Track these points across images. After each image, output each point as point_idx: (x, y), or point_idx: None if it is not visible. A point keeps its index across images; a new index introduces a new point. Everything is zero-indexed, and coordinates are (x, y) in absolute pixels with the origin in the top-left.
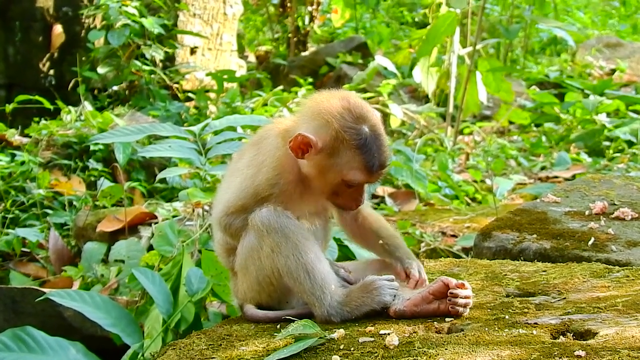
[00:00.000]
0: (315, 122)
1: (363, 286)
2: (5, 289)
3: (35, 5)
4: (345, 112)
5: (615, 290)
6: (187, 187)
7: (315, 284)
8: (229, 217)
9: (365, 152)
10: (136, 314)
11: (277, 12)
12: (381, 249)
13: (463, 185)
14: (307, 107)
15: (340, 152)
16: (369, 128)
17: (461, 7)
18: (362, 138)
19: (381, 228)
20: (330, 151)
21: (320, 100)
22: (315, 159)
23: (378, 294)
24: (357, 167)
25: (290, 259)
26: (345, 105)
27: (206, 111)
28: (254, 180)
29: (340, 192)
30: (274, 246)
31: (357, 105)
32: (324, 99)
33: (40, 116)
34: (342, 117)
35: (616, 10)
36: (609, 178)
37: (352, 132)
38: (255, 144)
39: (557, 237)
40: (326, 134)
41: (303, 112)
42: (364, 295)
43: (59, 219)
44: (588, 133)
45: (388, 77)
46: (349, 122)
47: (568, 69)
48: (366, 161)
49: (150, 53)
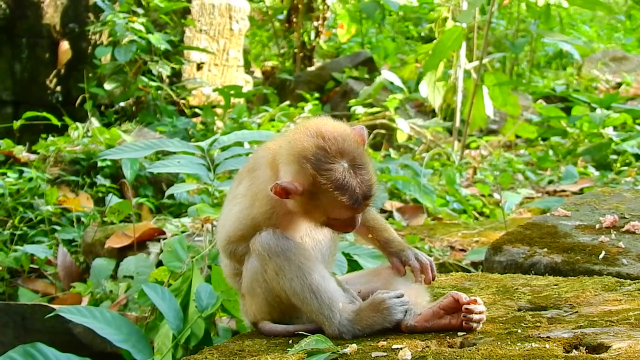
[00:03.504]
0: (292, 167)
1: (373, 305)
2: (14, 305)
3: (42, 22)
4: (320, 152)
5: (627, 304)
6: (194, 202)
7: (323, 304)
8: (231, 245)
9: (345, 191)
10: (146, 329)
11: (283, 27)
12: (377, 245)
13: (471, 200)
14: (286, 144)
15: (320, 195)
16: (348, 162)
17: (467, 21)
18: (339, 178)
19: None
20: (310, 195)
21: (295, 140)
22: (298, 200)
23: (389, 313)
24: (340, 207)
25: (294, 281)
26: (319, 143)
27: (213, 127)
28: (250, 211)
29: (331, 224)
30: (277, 269)
31: (332, 140)
32: (299, 139)
33: (48, 132)
34: (317, 159)
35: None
36: (619, 191)
37: (328, 174)
38: (250, 172)
39: (568, 250)
40: (304, 179)
41: (282, 152)
42: (374, 315)
43: (67, 235)
44: (595, 147)
45: (394, 91)
46: (324, 163)
47: (574, 83)
48: (348, 199)
49: (157, 69)
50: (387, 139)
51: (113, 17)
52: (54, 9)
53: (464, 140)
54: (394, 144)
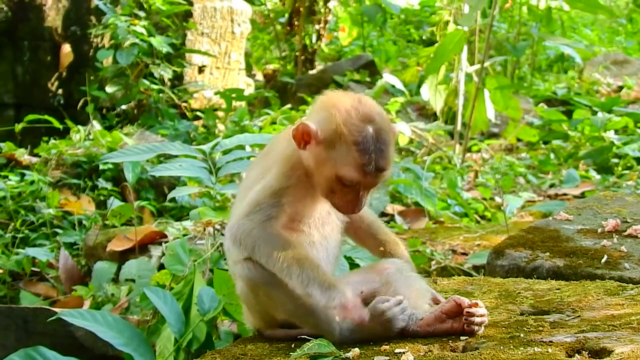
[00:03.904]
0: (321, 114)
1: (373, 316)
2: (16, 308)
3: (44, 25)
4: (352, 109)
5: (630, 308)
6: (196, 206)
7: (320, 321)
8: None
9: (362, 150)
10: (148, 333)
11: (284, 30)
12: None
13: (472, 203)
14: (319, 101)
15: (337, 145)
16: (373, 129)
17: (469, 24)
18: (361, 135)
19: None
20: (328, 144)
21: (332, 95)
22: (314, 151)
23: (391, 325)
24: (352, 164)
25: (287, 304)
26: (354, 103)
27: (215, 130)
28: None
29: (337, 190)
30: (268, 295)
31: (368, 107)
32: (337, 95)
33: (49, 135)
34: (348, 112)
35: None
36: (621, 195)
37: (352, 127)
38: (264, 155)
39: (570, 254)
40: (327, 126)
41: (314, 107)
42: (376, 327)
43: (68, 238)
44: (596, 150)
45: (396, 95)
46: (353, 118)
47: (575, 86)
48: (361, 159)
49: (159, 72)
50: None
51: (115, 20)
52: (55, 12)
53: (465, 143)
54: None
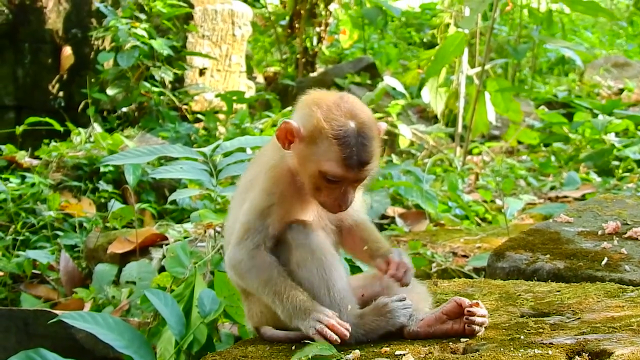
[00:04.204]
0: (303, 111)
1: (376, 309)
2: (17, 311)
3: (45, 27)
4: (333, 105)
5: (630, 310)
6: (197, 208)
7: (334, 302)
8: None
9: (343, 144)
10: (148, 335)
11: (285, 33)
12: (366, 256)
13: (473, 206)
14: (301, 100)
15: (319, 141)
16: (356, 125)
17: (469, 27)
18: (342, 130)
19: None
20: (310, 140)
21: (314, 93)
22: (297, 148)
23: (392, 316)
24: (334, 159)
25: (313, 272)
26: (336, 100)
27: (215, 132)
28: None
29: (322, 187)
30: (300, 260)
31: (351, 103)
32: (319, 93)
33: (50, 138)
34: (329, 108)
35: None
36: (621, 198)
37: (333, 122)
38: (253, 163)
39: (571, 257)
40: (309, 123)
41: (297, 106)
42: (377, 319)
43: (69, 240)
44: (597, 153)
45: (397, 97)
46: (334, 113)
47: (576, 89)
48: (343, 154)
49: (160, 74)
50: (390, 144)
51: (116, 23)
52: (56, 15)
53: (466, 146)
54: (396, 149)
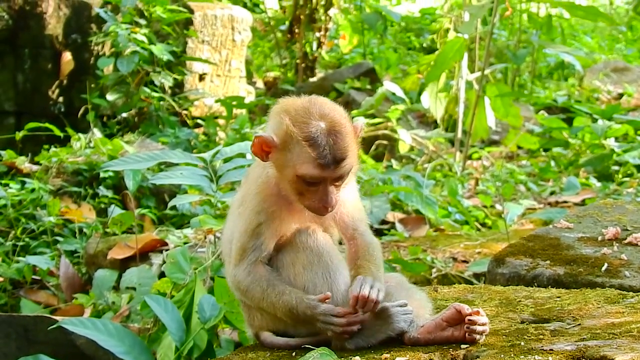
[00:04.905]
0: (273, 120)
1: (376, 314)
2: (17, 317)
3: (45, 33)
4: (301, 109)
5: (630, 316)
6: (197, 214)
7: (337, 305)
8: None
9: (314, 145)
10: (148, 341)
11: (285, 38)
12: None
13: (473, 211)
14: (272, 109)
15: (291, 146)
16: (325, 124)
17: (469, 32)
18: (311, 132)
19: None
20: (283, 147)
21: (283, 101)
22: (274, 158)
23: (392, 321)
24: (308, 161)
25: (319, 275)
26: (305, 104)
27: (215, 137)
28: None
29: (304, 191)
30: (306, 263)
31: (319, 104)
32: (287, 100)
33: (50, 143)
34: (297, 113)
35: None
36: (621, 204)
37: (302, 125)
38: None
39: (571, 263)
40: (280, 130)
41: (268, 117)
42: (377, 324)
43: (69, 246)
44: (597, 158)
45: (396, 102)
46: (302, 117)
47: (576, 94)
48: (315, 154)
49: (159, 80)
50: (389, 150)
51: (115, 28)
52: (56, 20)
53: (466, 151)
54: (396, 154)
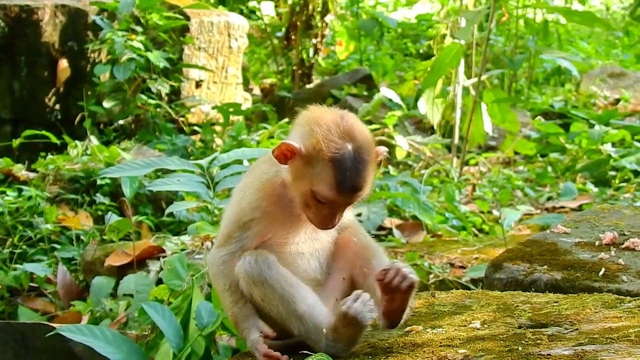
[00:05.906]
0: (302, 129)
1: (342, 319)
2: (15, 324)
3: (41, 40)
4: (333, 125)
5: (627, 321)
6: (194, 220)
7: (309, 329)
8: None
9: (338, 168)
10: (146, 348)
11: (281, 45)
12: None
13: (470, 216)
14: (301, 116)
15: (315, 161)
16: (353, 148)
17: (466, 38)
18: (339, 153)
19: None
20: (307, 159)
21: (314, 110)
22: (294, 165)
23: (359, 321)
24: (327, 181)
25: (280, 308)
26: (336, 119)
27: (212, 144)
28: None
29: (311, 205)
30: (262, 296)
31: (349, 124)
32: (319, 110)
33: (47, 151)
34: (328, 129)
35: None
36: (618, 208)
37: (331, 144)
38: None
39: (568, 268)
40: (308, 142)
41: (296, 122)
42: (348, 328)
43: (66, 253)
44: (594, 163)
45: (393, 108)
46: (333, 135)
47: (572, 99)
48: (336, 177)
49: (156, 87)
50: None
51: (112, 35)
52: (52, 28)
53: (462, 157)
54: (393, 160)
